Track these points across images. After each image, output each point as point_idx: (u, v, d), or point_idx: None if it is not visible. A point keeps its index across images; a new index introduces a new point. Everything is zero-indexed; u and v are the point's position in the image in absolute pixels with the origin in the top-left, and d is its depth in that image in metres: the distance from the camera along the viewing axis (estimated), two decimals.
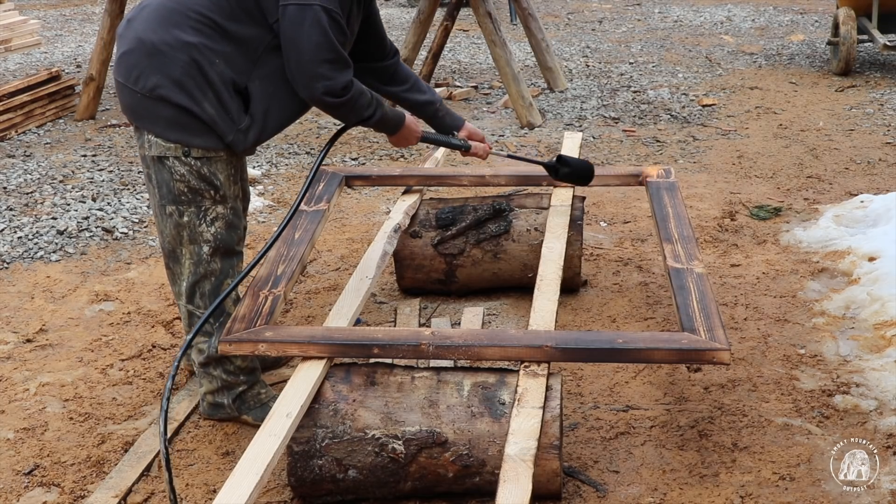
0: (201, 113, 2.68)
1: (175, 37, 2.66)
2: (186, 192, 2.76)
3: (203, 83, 2.67)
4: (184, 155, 2.73)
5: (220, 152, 2.76)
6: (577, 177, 3.46)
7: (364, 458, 2.51)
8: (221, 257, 2.85)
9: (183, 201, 2.77)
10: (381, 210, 4.95)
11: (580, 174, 3.44)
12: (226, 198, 2.81)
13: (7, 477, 2.80)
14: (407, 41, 6.84)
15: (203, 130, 2.71)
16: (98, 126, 6.76)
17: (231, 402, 2.97)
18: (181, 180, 2.74)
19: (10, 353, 3.54)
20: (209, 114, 2.69)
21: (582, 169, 3.45)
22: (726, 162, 5.68)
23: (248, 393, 2.99)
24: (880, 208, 4.47)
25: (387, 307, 3.84)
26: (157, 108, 2.70)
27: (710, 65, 8.40)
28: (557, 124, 6.55)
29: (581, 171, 3.44)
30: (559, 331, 2.80)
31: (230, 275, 2.87)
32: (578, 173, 3.44)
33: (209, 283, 2.85)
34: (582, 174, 3.45)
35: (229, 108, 2.71)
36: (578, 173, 3.44)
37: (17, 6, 10.99)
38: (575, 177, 3.46)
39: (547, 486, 2.50)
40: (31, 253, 4.45)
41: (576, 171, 3.43)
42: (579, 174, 3.44)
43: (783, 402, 3.05)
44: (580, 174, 3.44)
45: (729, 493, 2.61)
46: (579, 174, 3.44)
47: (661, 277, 3.99)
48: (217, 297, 2.75)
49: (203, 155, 2.74)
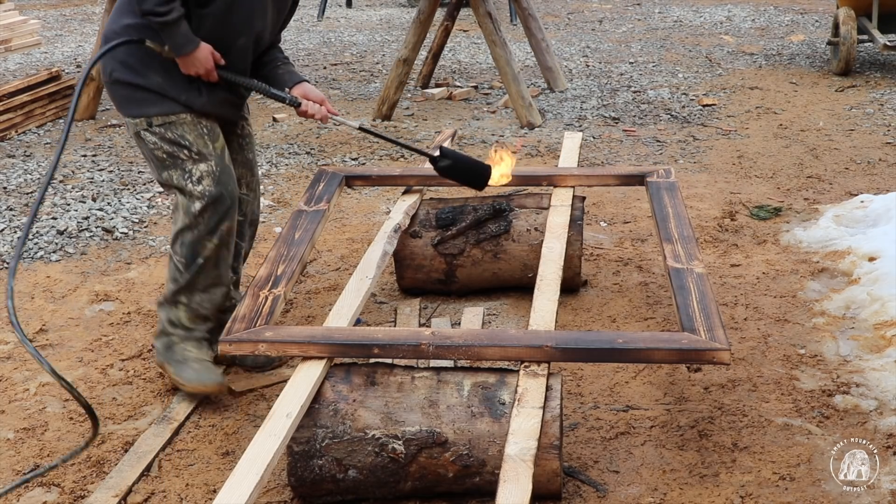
0: (149, 84, 2.94)
1: (120, 23, 2.95)
2: (165, 157, 3.01)
3: (144, 56, 2.94)
4: (148, 126, 2.98)
5: (182, 115, 2.98)
6: (461, 174, 3.17)
7: (364, 458, 2.51)
8: (210, 215, 3.02)
9: (168, 166, 3.02)
10: (381, 210, 4.95)
11: (465, 173, 3.17)
12: (204, 155, 3.00)
13: (7, 477, 2.80)
14: (407, 41, 6.84)
15: (156, 99, 2.96)
16: (98, 126, 6.76)
17: (161, 347, 3.16)
18: (156, 148, 3.00)
19: (10, 353, 3.54)
20: (156, 82, 2.94)
21: (468, 168, 3.18)
22: (726, 162, 5.68)
23: (177, 346, 3.12)
24: (880, 208, 4.47)
25: (387, 307, 3.84)
26: (117, 90, 3.01)
27: (711, 65, 8.40)
28: (557, 124, 6.55)
29: (467, 169, 3.18)
30: (559, 331, 2.80)
31: (214, 233, 3.04)
32: (462, 171, 3.17)
33: (190, 235, 3.04)
34: (468, 173, 3.17)
35: (173, 73, 2.94)
36: (462, 171, 3.17)
37: (17, 6, 10.99)
38: (457, 174, 3.17)
39: (547, 486, 2.50)
40: (31, 253, 4.45)
41: (459, 168, 3.16)
42: (464, 172, 3.17)
43: (783, 402, 3.05)
44: (465, 173, 3.17)
45: (729, 493, 2.61)
46: (464, 172, 3.17)
47: (661, 277, 3.99)
48: (194, 251, 3.02)
49: (164, 122, 2.97)
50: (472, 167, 3.21)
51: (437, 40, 7.67)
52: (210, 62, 2.95)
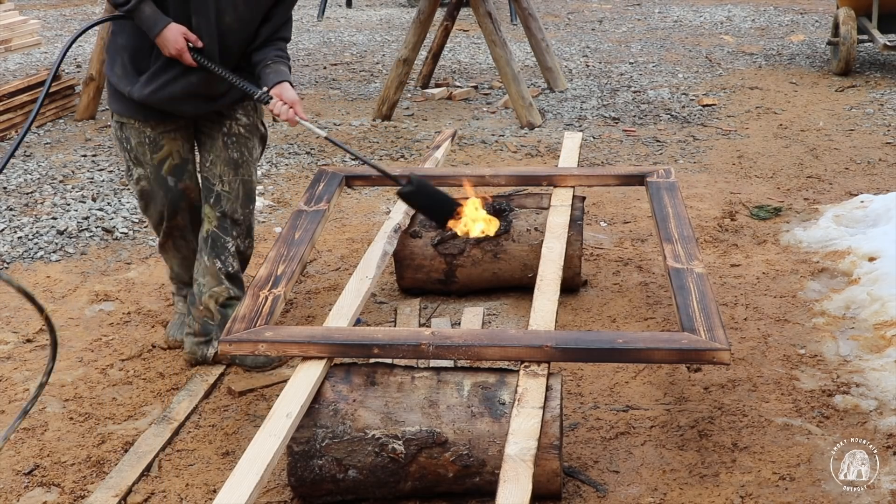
0: (112, 77, 3.18)
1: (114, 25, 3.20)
2: (118, 148, 3.31)
3: (113, 52, 3.18)
4: (113, 118, 3.27)
5: (130, 120, 3.19)
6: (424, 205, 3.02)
7: (364, 458, 2.51)
8: (148, 212, 3.34)
9: (120, 154, 3.31)
10: (381, 210, 4.95)
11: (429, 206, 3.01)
12: (140, 162, 3.24)
13: (7, 477, 2.80)
14: (407, 41, 6.84)
15: (116, 95, 3.21)
16: (98, 126, 6.76)
17: None
18: (113, 138, 3.31)
19: (10, 353, 3.54)
20: (117, 76, 3.15)
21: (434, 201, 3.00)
22: (726, 162, 5.68)
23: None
24: (880, 208, 4.47)
25: (387, 307, 3.84)
26: (108, 86, 3.31)
27: (711, 65, 8.40)
28: (557, 124, 6.55)
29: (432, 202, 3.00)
30: (559, 331, 2.80)
31: (158, 228, 3.37)
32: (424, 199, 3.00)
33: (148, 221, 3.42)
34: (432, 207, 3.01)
35: (128, 69, 3.12)
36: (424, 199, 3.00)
37: (17, 6, 10.99)
38: (417, 199, 3.01)
39: (547, 486, 2.50)
40: (31, 253, 4.45)
41: (420, 195, 3.00)
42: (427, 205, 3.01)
43: (783, 402, 3.05)
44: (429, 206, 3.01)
45: (729, 493, 2.61)
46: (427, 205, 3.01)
47: (661, 277, 3.99)
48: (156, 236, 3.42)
49: (118, 120, 3.23)
50: (438, 201, 3.03)
51: (437, 40, 7.67)
52: (180, 42, 2.98)
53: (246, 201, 3.38)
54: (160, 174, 3.25)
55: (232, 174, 3.32)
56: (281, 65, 3.11)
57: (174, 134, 3.23)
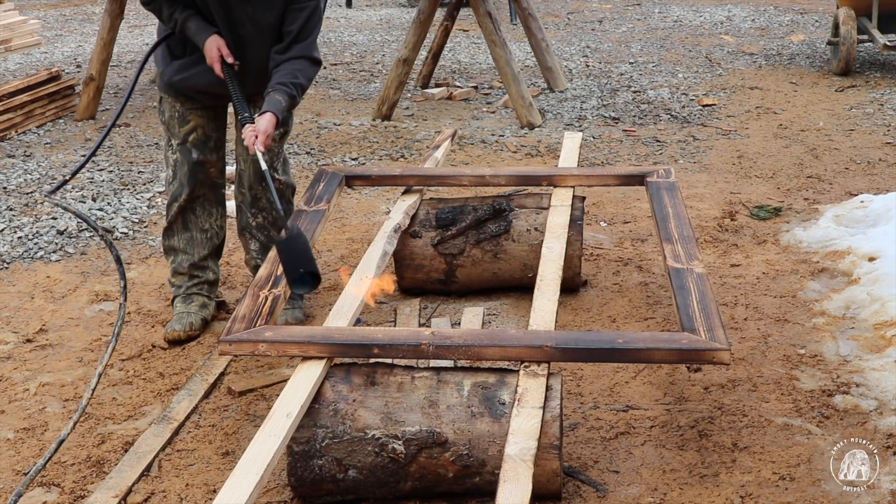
0: (156, 55, 3.56)
1: None
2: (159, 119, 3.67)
3: (158, 36, 3.53)
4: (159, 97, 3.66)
5: (166, 95, 3.55)
6: (287, 258, 2.87)
7: (364, 458, 2.51)
8: (171, 188, 3.61)
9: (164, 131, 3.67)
10: (381, 210, 4.95)
11: (290, 260, 2.86)
12: (172, 133, 3.57)
13: (7, 477, 2.80)
14: (407, 41, 6.84)
15: (159, 75, 3.59)
16: (98, 126, 6.76)
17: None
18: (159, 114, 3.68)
19: (10, 353, 3.54)
20: (159, 56, 3.54)
21: (295, 258, 2.86)
22: (726, 162, 5.68)
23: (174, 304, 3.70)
24: (880, 208, 4.47)
25: (387, 307, 3.84)
26: None
27: (710, 65, 8.40)
28: (557, 124, 6.55)
29: (293, 258, 2.86)
30: (559, 331, 2.80)
31: (178, 199, 3.60)
32: (288, 254, 2.87)
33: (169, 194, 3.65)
34: (292, 262, 2.85)
35: (165, 52, 3.50)
36: (288, 254, 2.87)
37: (17, 6, 10.99)
38: (285, 254, 2.88)
39: (547, 486, 2.50)
40: (31, 253, 4.45)
41: (287, 249, 2.88)
42: (288, 257, 2.86)
43: (783, 402, 3.05)
44: (290, 260, 2.86)
45: (729, 493, 2.61)
46: (288, 257, 2.86)
47: (661, 277, 3.99)
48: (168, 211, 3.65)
49: (159, 94, 3.61)
50: (300, 259, 2.87)
51: (436, 40, 7.67)
52: (213, 53, 3.31)
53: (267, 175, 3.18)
54: (185, 146, 3.56)
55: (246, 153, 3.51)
56: (278, 94, 3.26)
57: (200, 112, 3.56)
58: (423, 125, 6.64)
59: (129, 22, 11.16)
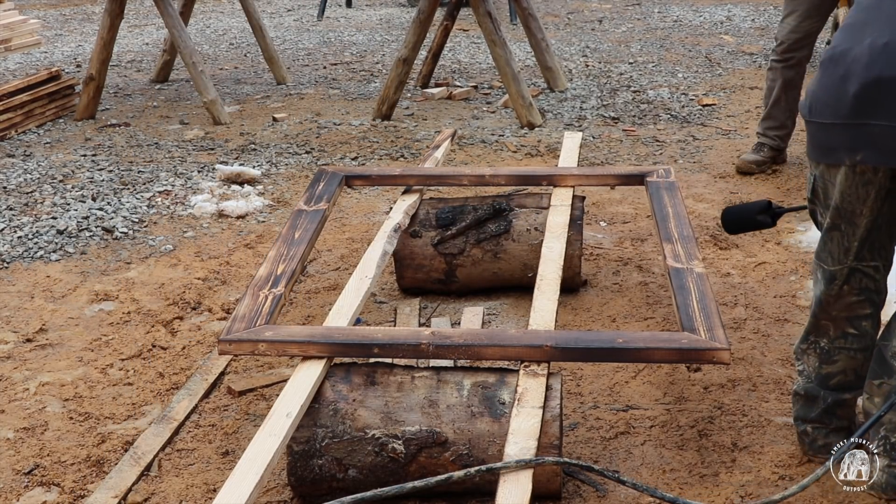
0: None
1: None
2: None
3: None
4: None
5: None
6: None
7: (364, 458, 2.51)
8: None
9: None
10: (381, 210, 4.95)
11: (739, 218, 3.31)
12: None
13: (7, 476, 2.80)
14: (407, 41, 6.83)
15: None
16: (98, 126, 6.76)
17: None
18: None
19: (10, 352, 3.55)
20: None
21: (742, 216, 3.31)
22: (726, 162, 5.68)
23: None
24: None
25: (387, 307, 3.84)
26: None
27: (710, 64, 8.40)
28: (557, 124, 6.55)
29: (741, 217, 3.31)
30: (559, 330, 2.80)
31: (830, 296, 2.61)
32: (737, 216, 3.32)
33: None
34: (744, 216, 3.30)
35: None
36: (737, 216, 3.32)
37: (17, 6, 10.99)
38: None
39: (547, 486, 2.50)
40: (31, 253, 4.45)
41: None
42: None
43: (783, 402, 3.05)
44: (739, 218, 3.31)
45: (729, 493, 2.61)
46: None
47: (661, 277, 3.99)
48: None
49: None
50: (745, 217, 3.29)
51: (436, 40, 7.67)
52: None
53: None
54: None
55: None
56: None
57: None
58: (422, 125, 6.64)
59: (129, 22, 11.16)
